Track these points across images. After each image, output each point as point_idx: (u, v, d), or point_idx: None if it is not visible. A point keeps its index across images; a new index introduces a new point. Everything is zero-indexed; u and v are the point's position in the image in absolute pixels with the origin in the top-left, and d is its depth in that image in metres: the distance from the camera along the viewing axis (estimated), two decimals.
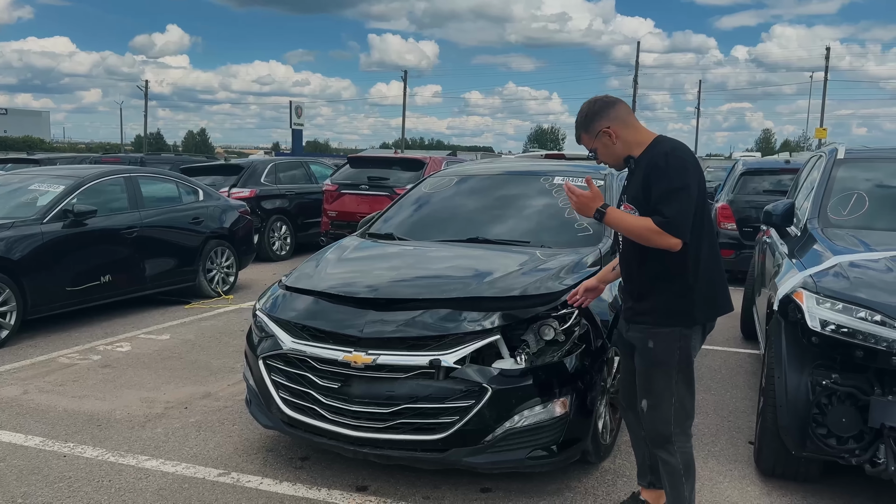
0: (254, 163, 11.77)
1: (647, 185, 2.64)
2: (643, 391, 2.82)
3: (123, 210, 7.16)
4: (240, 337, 6.35)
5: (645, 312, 2.77)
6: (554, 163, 5.68)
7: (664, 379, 2.74)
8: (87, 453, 3.86)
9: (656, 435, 2.81)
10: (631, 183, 2.83)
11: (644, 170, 2.69)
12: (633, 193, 2.75)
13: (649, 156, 2.72)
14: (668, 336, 2.72)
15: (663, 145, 2.73)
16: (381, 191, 10.04)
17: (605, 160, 2.87)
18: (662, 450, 2.81)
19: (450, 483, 3.51)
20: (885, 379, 3.09)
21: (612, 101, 2.83)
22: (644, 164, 2.71)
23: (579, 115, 2.84)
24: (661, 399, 2.75)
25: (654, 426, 2.80)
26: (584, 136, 2.83)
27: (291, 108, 41.96)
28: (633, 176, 2.82)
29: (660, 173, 2.61)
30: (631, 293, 2.84)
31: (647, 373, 2.79)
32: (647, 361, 2.78)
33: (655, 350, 2.73)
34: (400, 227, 4.72)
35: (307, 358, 3.41)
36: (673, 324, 2.71)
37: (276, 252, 11.37)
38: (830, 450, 3.15)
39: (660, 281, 2.72)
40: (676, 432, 2.77)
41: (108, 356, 5.73)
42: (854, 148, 4.82)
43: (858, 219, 4.17)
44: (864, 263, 3.42)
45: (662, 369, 2.74)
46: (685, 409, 2.79)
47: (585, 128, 2.82)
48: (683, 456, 2.79)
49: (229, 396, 4.79)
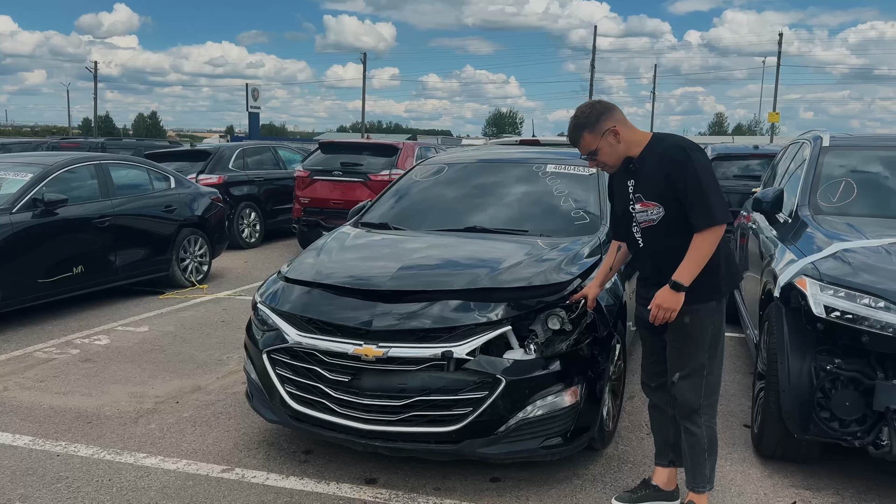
0: (221, 148, 11.53)
1: (672, 181, 2.76)
2: (677, 365, 2.94)
3: (94, 198, 6.94)
4: (221, 328, 6.26)
5: None
6: (542, 150, 5.67)
7: (698, 352, 2.88)
8: (81, 452, 3.75)
9: (685, 404, 2.93)
10: (642, 181, 2.90)
11: (660, 165, 2.80)
12: (656, 191, 2.84)
13: (659, 151, 2.84)
14: (702, 311, 2.86)
15: (671, 140, 2.89)
16: (354, 177, 9.91)
17: (605, 160, 2.94)
18: (689, 421, 2.94)
19: (458, 474, 3.51)
20: (886, 363, 3.18)
21: (612, 104, 2.93)
22: (656, 158, 2.83)
23: (580, 116, 2.90)
24: (694, 370, 2.89)
25: (684, 396, 2.93)
26: (588, 135, 2.88)
27: (248, 90, 41.17)
28: (639, 174, 2.90)
29: (685, 166, 2.73)
30: (659, 282, 2.88)
31: (683, 348, 2.92)
32: (682, 336, 2.91)
33: (692, 324, 2.87)
34: (394, 217, 4.67)
35: (315, 351, 3.36)
36: (706, 299, 2.86)
37: (245, 239, 11.18)
38: (833, 433, 3.23)
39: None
40: (705, 405, 2.92)
41: (87, 350, 5.57)
42: (838, 135, 4.93)
43: (848, 206, 4.27)
44: (864, 250, 3.51)
45: (696, 342, 2.88)
46: (715, 382, 2.94)
47: (591, 127, 2.88)
48: (709, 431, 2.94)
49: (220, 390, 4.70)
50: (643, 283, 3.09)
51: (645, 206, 2.87)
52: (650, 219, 2.88)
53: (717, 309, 2.89)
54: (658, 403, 3.23)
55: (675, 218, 2.81)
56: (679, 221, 2.80)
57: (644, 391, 3.31)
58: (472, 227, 4.35)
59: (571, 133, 2.95)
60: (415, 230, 4.43)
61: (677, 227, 2.81)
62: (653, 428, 3.33)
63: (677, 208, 2.79)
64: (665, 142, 2.89)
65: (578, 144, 2.94)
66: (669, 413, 3.15)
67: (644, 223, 2.91)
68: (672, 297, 2.76)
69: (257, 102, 41.79)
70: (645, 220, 2.90)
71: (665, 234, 2.86)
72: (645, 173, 2.88)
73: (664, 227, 2.85)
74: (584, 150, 2.93)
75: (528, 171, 4.89)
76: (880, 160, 4.65)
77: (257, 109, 42.11)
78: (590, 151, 2.92)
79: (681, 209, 2.78)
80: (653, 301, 2.81)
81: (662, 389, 3.14)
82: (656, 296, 2.80)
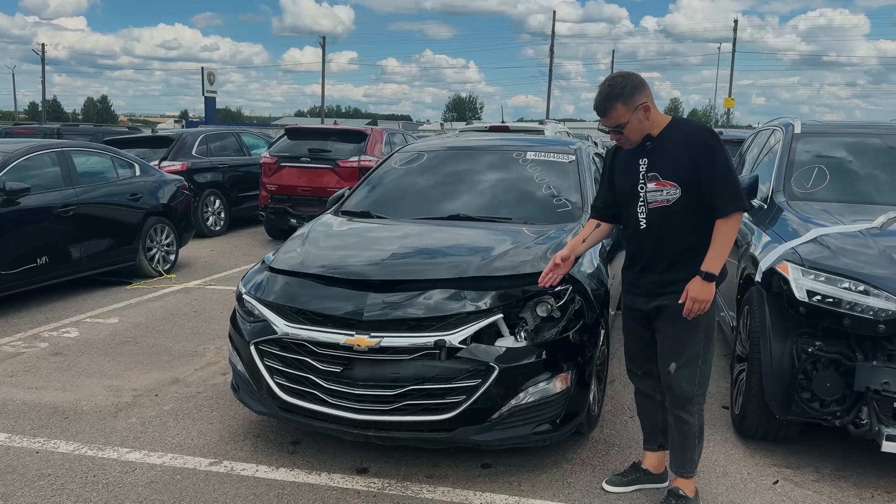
0: (183, 134, 11.26)
1: (696, 162, 2.76)
2: (673, 354, 2.95)
3: (58, 187, 6.73)
4: (194, 318, 6.16)
5: (679, 280, 2.86)
6: (519, 137, 5.69)
7: (694, 340, 2.90)
8: (61, 448, 3.66)
9: (681, 394, 2.95)
10: (660, 161, 2.86)
11: (685, 146, 2.79)
12: (674, 171, 2.82)
13: (683, 133, 2.84)
14: None
15: (694, 123, 2.94)
16: (323, 163, 9.79)
17: (630, 136, 2.87)
18: (683, 410, 2.97)
19: (450, 461, 3.53)
20: (865, 345, 3.29)
21: (643, 79, 2.85)
22: (680, 139, 2.82)
23: (616, 87, 2.79)
24: (688, 362, 2.91)
25: (680, 386, 2.94)
26: (622, 107, 2.79)
27: (203, 74, 40.29)
28: (656, 153, 2.88)
29: (713, 153, 2.75)
30: (656, 267, 2.91)
31: (679, 337, 2.92)
32: (679, 326, 2.90)
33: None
34: (376, 205, 4.63)
35: (305, 342, 3.32)
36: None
37: (210, 228, 10.99)
38: (815, 413, 3.34)
39: (693, 250, 2.84)
40: (698, 393, 2.95)
41: (56, 343, 5.42)
42: (808, 122, 5.04)
43: (822, 192, 4.38)
44: (842, 235, 3.61)
45: (692, 332, 2.89)
46: (707, 370, 2.98)
47: (626, 99, 2.78)
48: (700, 418, 2.98)
49: (200, 381, 4.63)
50: (633, 270, 3.08)
51: (661, 185, 2.83)
52: (664, 199, 2.84)
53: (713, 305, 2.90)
54: (646, 390, 3.26)
55: (688, 202, 2.80)
56: (692, 207, 2.80)
57: (630, 378, 3.35)
58: (456, 214, 4.35)
59: (603, 102, 2.81)
60: (398, 218, 4.40)
61: (688, 212, 2.81)
62: (640, 414, 3.37)
63: (694, 192, 2.79)
64: (690, 124, 2.91)
65: (608, 115, 2.82)
66: (657, 399, 3.21)
67: (655, 203, 2.87)
68: (705, 288, 2.76)
69: (213, 87, 40.97)
70: (658, 200, 2.85)
71: (675, 218, 2.84)
72: (665, 153, 2.84)
73: (676, 209, 2.83)
74: (613, 122, 2.82)
75: (508, 158, 4.90)
76: (850, 146, 4.78)
77: (213, 94, 41.32)
78: (618, 125, 2.82)
79: (697, 193, 2.78)
80: (685, 295, 2.78)
81: (650, 376, 3.18)
82: (689, 289, 2.77)
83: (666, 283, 2.91)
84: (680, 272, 2.87)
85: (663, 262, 2.91)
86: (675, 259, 2.89)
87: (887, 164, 4.62)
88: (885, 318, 3.14)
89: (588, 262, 3.80)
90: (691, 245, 2.85)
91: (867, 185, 4.50)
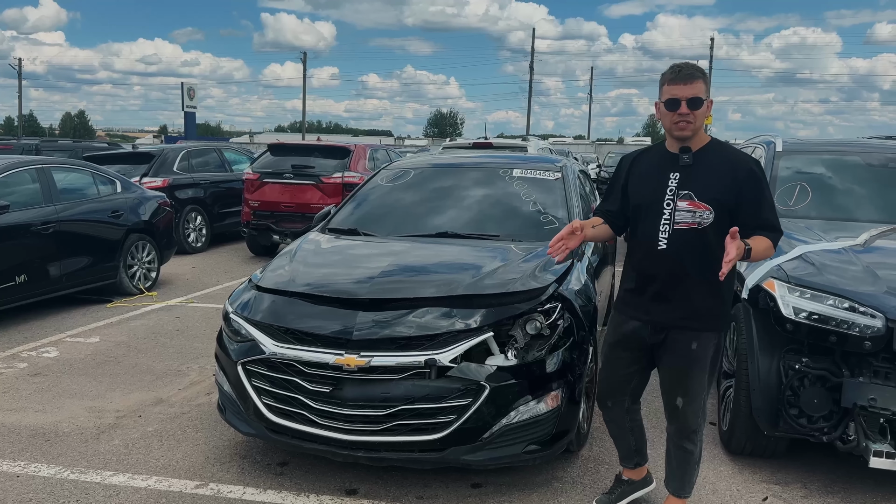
0: (165, 150, 11.18)
1: (739, 190, 2.64)
2: (680, 390, 2.86)
3: (37, 204, 6.63)
4: (177, 337, 6.08)
5: (694, 317, 2.76)
6: (504, 153, 5.71)
7: (700, 377, 2.83)
8: (42, 472, 3.58)
9: (685, 427, 2.91)
10: (697, 180, 2.70)
11: (730, 171, 2.66)
12: (713, 195, 2.66)
13: (727, 157, 2.72)
14: (710, 338, 2.79)
15: (734, 147, 2.85)
16: (306, 179, 9.76)
17: (696, 120, 2.67)
18: (688, 441, 2.94)
19: (440, 481, 3.50)
20: (851, 361, 3.32)
21: None
22: (722, 163, 2.69)
23: (700, 69, 2.70)
24: (696, 395, 2.85)
25: (686, 419, 2.90)
26: (703, 85, 2.66)
27: (183, 89, 40.07)
28: (694, 172, 2.71)
29: (760, 182, 2.68)
30: (671, 296, 2.78)
31: (687, 372, 2.83)
32: (686, 361, 2.81)
33: (698, 351, 2.79)
34: (363, 222, 4.62)
35: (293, 362, 3.29)
36: (720, 327, 2.82)
37: (191, 244, 10.89)
38: (802, 429, 3.36)
39: (720, 288, 2.72)
40: (701, 422, 2.92)
41: (35, 363, 5.32)
42: (790, 140, 5.12)
43: (804, 209, 4.44)
44: (826, 252, 3.65)
45: (700, 368, 2.81)
46: (706, 399, 2.93)
47: (707, 83, 2.68)
48: (700, 444, 2.97)
49: (184, 402, 4.56)
50: (642, 296, 2.88)
51: (694, 205, 2.66)
52: (695, 221, 2.66)
53: (721, 336, 2.87)
54: (614, 418, 3.18)
55: (719, 229, 2.60)
56: (720, 235, 2.55)
57: (599, 406, 3.22)
58: (444, 232, 4.34)
59: (692, 69, 2.67)
60: (385, 236, 4.39)
61: (717, 240, 2.59)
62: (613, 437, 3.28)
63: (725, 220, 2.61)
64: (734, 149, 2.81)
65: (691, 82, 2.63)
66: (626, 426, 3.17)
67: (683, 224, 2.68)
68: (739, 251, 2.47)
69: (193, 101, 40.72)
70: (687, 221, 2.68)
71: (703, 244, 2.67)
72: (703, 172, 2.68)
73: (706, 235, 2.65)
74: (693, 92, 2.62)
75: (494, 175, 4.91)
76: (831, 164, 4.86)
77: (193, 109, 41.03)
78: (696, 98, 2.63)
79: (726, 221, 2.61)
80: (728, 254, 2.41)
81: (620, 406, 3.11)
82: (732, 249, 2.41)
83: (683, 317, 2.77)
84: (699, 307, 2.74)
85: (683, 291, 2.74)
86: (697, 289, 2.73)
87: (868, 182, 4.70)
88: (871, 334, 3.17)
89: (576, 279, 3.81)
90: (707, 276, 2.64)
91: (849, 202, 4.57)
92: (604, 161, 28.63)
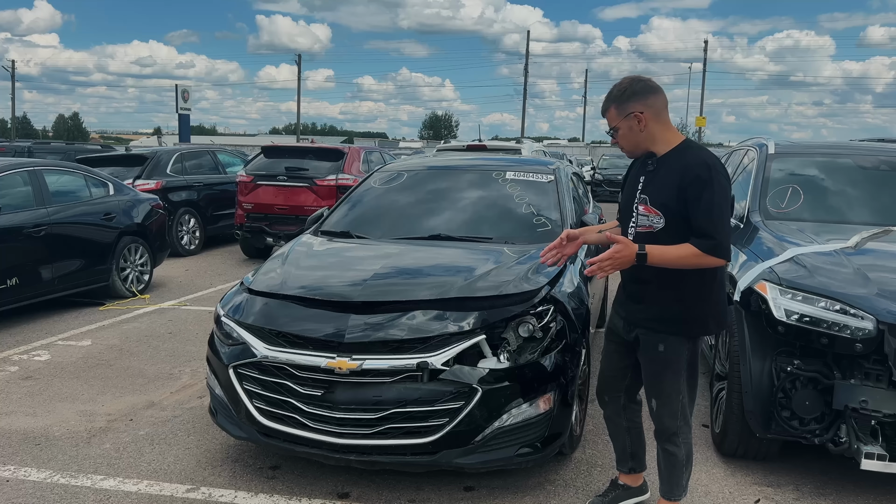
0: (158, 152, 11.15)
1: (684, 196, 2.57)
2: (652, 391, 2.88)
3: (29, 206, 6.61)
4: (169, 340, 6.06)
5: (659, 320, 2.76)
6: (498, 156, 5.71)
7: (674, 380, 2.80)
8: (32, 476, 3.56)
9: (664, 429, 2.89)
10: (653, 184, 2.71)
11: (679, 176, 2.59)
12: (662, 199, 2.65)
13: (683, 162, 2.62)
14: (679, 342, 2.76)
15: (700, 153, 2.64)
16: (300, 182, 9.75)
17: (623, 144, 2.75)
18: (669, 443, 2.90)
19: (432, 484, 3.49)
20: (842, 363, 3.32)
21: (655, 87, 2.68)
22: (677, 168, 2.62)
23: (617, 88, 2.69)
24: (669, 398, 2.83)
25: (661, 422, 2.88)
26: (614, 110, 2.69)
27: (178, 91, 39.92)
28: (654, 176, 2.72)
29: (704, 187, 2.53)
30: (643, 297, 2.80)
31: (658, 374, 2.83)
32: (656, 364, 2.82)
33: (666, 353, 2.77)
34: (356, 225, 4.61)
35: (285, 365, 3.28)
36: (688, 333, 2.76)
37: (185, 247, 10.86)
38: (794, 431, 3.36)
39: (672, 288, 2.70)
40: (681, 425, 2.87)
41: (26, 367, 5.29)
42: (782, 143, 5.13)
43: (796, 211, 4.45)
44: (818, 255, 3.65)
45: (673, 371, 2.79)
46: (690, 403, 2.88)
47: (618, 103, 2.67)
48: (686, 447, 2.91)
49: (176, 405, 4.54)
50: (622, 293, 2.99)
51: (648, 210, 2.68)
52: (650, 225, 2.69)
53: (693, 340, 2.78)
54: (611, 415, 3.20)
55: (672, 235, 2.61)
56: (677, 240, 2.58)
57: (599, 402, 3.25)
58: (437, 234, 4.33)
59: (603, 103, 2.74)
60: (378, 238, 4.38)
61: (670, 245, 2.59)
62: (610, 436, 3.30)
63: (679, 226, 2.60)
64: (692, 152, 2.65)
65: (604, 115, 2.73)
66: (623, 425, 3.18)
67: (641, 227, 2.72)
68: (629, 255, 2.51)
69: (187, 104, 40.58)
70: (644, 224, 2.71)
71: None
72: (660, 177, 2.68)
73: (659, 240, 2.62)
74: (609, 123, 2.72)
75: (487, 178, 4.91)
76: (823, 166, 4.87)
77: (187, 111, 40.90)
78: (611, 127, 2.71)
79: (681, 227, 2.60)
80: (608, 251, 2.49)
81: (616, 402, 3.14)
82: (613, 248, 2.50)
83: (650, 319, 2.79)
84: (663, 311, 2.74)
85: (650, 294, 2.76)
86: (653, 292, 2.74)
87: (859, 184, 4.72)
88: (862, 336, 3.18)
89: (569, 282, 3.81)
90: (671, 282, 2.66)
91: (840, 204, 4.58)
92: (598, 163, 28.63)
